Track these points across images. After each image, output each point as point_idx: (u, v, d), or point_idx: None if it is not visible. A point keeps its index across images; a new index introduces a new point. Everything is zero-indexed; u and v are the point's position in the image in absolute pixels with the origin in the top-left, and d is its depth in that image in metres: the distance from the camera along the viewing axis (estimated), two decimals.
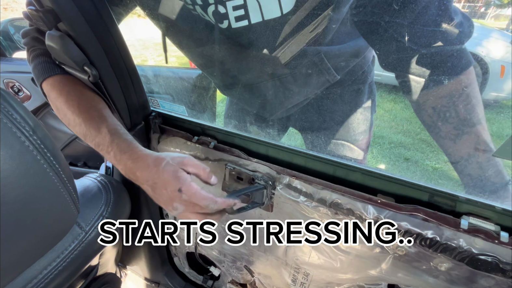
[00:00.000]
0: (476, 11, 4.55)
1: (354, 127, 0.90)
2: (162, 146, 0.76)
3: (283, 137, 1.03)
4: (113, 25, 0.56)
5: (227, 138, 0.71)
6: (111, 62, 0.59)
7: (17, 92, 1.44)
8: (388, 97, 3.12)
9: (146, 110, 0.76)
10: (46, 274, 0.47)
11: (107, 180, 0.67)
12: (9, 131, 0.28)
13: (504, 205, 0.45)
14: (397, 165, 2.17)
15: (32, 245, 0.33)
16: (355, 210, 0.54)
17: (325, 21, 0.56)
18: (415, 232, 0.49)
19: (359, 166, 0.57)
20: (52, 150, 0.33)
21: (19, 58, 1.54)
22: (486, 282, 0.47)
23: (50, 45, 0.52)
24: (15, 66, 1.43)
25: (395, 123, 2.67)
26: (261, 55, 0.64)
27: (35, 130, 0.31)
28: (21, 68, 1.42)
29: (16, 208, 0.29)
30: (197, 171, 0.53)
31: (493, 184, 0.57)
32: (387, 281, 0.61)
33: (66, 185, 0.35)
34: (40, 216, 0.32)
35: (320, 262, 0.67)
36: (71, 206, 0.36)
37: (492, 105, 2.82)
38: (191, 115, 0.76)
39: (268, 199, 0.63)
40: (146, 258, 1.01)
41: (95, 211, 0.59)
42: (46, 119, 1.55)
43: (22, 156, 0.29)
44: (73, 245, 0.52)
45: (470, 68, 0.57)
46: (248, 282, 0.95)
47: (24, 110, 0.30)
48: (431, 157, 2.23)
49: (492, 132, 2.46)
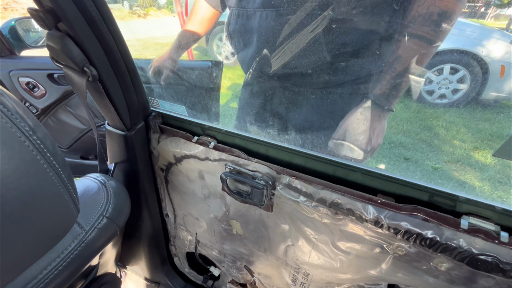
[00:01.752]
0: (476, 11, 4.55)
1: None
2: (162, 146, 0.76)
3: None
4: (113, 25, 0.56)
5: (227, 138, 0.71)
6: (111, 62, 0.59)
7: (32, 89, 1.47)
8: None
9: (146, 110, 0.76)
10: (46, 274, 0.47)
11: (107, 180, 0.67)
12: (9, 131, 0.28)
13: (504, 205, 0.45)
14: (397, 165, 2.17)
15: (32, 245, 0.33)
16: (355, 210, 0.54)
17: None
18: (415, 232, 0.49)
19: (359, 166, 0.57)
20: (52, 150, 0.32)
21: (31, 56, 1.57)
22: (486, 282, 0.47)
23: (50, 45, 0.52)
24: (27, 63, 1.47)
25: (395, 123, 2.67)
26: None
27: (35, 130, 0.30)
28: (34, 65, 1.46)
29: (16, 208, 0.29)
30: None
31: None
32: (387, 281, 0.61)
33: (66, 185, 0.35)
34: (40, 216, 0.32)
35: (320, 262, 0.67)
36: (71, 206, 0.36)
37: (492, 105, 2.81)
38: (191, 115, 0.76)
39: (268, 199, 0.63)
40: (146, 258, 1.01)
41: (95, 210, 0.59)
42: (59, 114, 1.58)
43: (22, 156, 0.29)
44: (73, 244, 0.52)
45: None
46: (248, 282, 0.95)
47: (24, 110, 0.30)
48: (431, 157, 2.23)
49: (492, 132, 2.46)
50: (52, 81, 1.46)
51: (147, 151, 0.80)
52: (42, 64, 1.44)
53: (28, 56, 1.59)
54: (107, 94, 0.62)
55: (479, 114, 2.76)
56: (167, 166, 0.81)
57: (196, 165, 0.73)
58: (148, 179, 0.84)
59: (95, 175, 0.68)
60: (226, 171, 0.66)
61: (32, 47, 1.71)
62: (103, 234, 0.57)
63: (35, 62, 1.47)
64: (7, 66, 1.44)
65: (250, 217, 0.73)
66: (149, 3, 8.51)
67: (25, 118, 0.30)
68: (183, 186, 0.82)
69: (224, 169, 0.66)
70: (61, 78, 1.46)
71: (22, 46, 1.66)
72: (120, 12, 8.07)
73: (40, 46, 1.78)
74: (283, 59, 0.78)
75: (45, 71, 1.43)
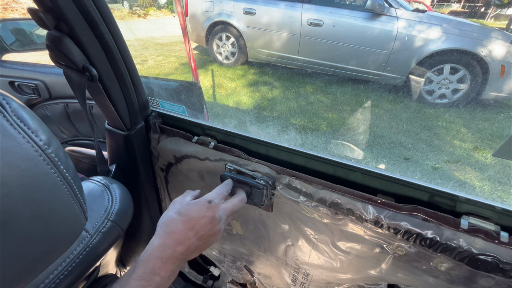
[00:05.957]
0: (476, 11, 4.55)
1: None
2: (162, 146, 0.76)
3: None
4: (113, 25, 0.56)
5: (227, 138, 0.71)
6: (111, 62, 0.59)
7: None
8: (388, 97, 3.12)
9: (146, 110, 0.76)
10: (52, 279, 0.47)
11: (111, 183, 0.67)
12: (25, 146, 0.28)
13: (504, 205, 0.45)
14: (397, 165, 2.17)
15: (42, 255, 0.33)
16: (355, 210, 0.54)
17: None
18: (415, 232, 0.49)
19: (359, 166, 0.57)
20: (65, 162, 0.33)
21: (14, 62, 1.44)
22: (486, 282, 0.47)
23: (50, 45, 0.52)
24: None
25: (395, 123, 2.67)
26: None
27: (49, 144, 0.31)
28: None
29: (30, 222, 0.29)
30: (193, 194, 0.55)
31: None
32: (387, 281, 0.61)
33: (77, 196, 0.35)
34: (51, 226, 0.33)
35: (320, 262, 0.67)
36: (80, 215, 0.37)
37: (492, 105, 2.82)
38: (191, 115, 0.76)
39: (268, 199, 0.63)
40: None
41: (100, 214, 0.59)
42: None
43: (37, 170, 0.29)
44: (79, 249, 0.52)
45: None
46: (248, 282, 0.95)
47: (39, 123, 0.31)
48: (431, 156, 2.23)
49: (492, 132, 2.47)
50: (13, 89, 1.36)
51: (147, 151, 0.80)
52: (6, 71, 1.34)
53: (8, 60, 1.45)
54: (107, 94, 0.62)
55: (479, 114, 2.76)
56: (167, 166, 0.81)
57: (196, 165, 0.73)
58: (148, 179, 0.84)
59: (98, 178, 0.68)
60: (226, 171, 0.66)
61: (14, 50, 1.60)
62: (107, 237, 0.58)
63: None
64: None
65: (250, 217, 0.73)
66: (149, 3, 8.51)
67: (39, 132, 0.30)
68: (183, 186, 0.82)
69: (224, 169, 0.66)
70: (22, 87, 1.36)
71: (3, 50, 1.53)
72: (120, 12, 8.07)
73: (23, 50, 1.68)
74: None
75: (6, 78, 1.34)
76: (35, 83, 1.33)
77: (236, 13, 3.73)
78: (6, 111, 0.27)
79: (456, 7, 8.24)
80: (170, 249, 0.45)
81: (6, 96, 0.28)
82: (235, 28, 3.78)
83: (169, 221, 0.48)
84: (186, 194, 0.55)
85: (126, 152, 0.75)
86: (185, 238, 0.46)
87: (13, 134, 0.27)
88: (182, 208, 0.50)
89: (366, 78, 3.30)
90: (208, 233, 0.49)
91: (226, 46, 4.00)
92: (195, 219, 0.48)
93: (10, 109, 0.28)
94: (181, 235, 0.47)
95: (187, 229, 0.47)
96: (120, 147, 0.74)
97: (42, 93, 1.35)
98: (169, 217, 0.49)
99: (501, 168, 2.09)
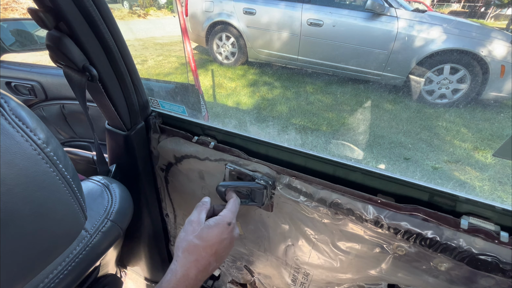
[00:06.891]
0: (476, 11, 4.55)
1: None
2: (162, 146, 0.76)
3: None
4: (113, 25, 0.56)
5: (227, 138, 0.71)
6: (111, 62, 0.59)
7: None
8: (388, 97, 3.12)
9: (146, 110, 0.76)
10: (52, 278, 0.47)
11: (111, 183, 0.67)
12: (24, 145, 0.28)
13: (504, 205, 0.45)
14: (397, 164, 2.17)
15: (41, 253, 0.33)
16: (355, 210, 0.54)
17: None
18: (415, 232, 0.49)
19: (359, 166, 0.57)
20: (63, 161, 0.33)
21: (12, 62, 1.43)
22: (486, 282, 0.47)
23: (50, 45, 0.52)
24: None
25: (395, 123, 2.67)
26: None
27: (48, 142, 0.31)
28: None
29: (29, 221, 0.29)
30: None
31: None
32: (387, 281, 0.61)
33: (76, 195, 0.35)
34: (51, 226, 0.33)
35: (320, 262, 0.67)
36: (79, 214, 0.36)
37: (492, 105, 2.82)
38: (191, 115, 0.76)
39: (268, 199, 0.63)
40: (146, 258, 1.01)
41: (99, 214, 0.59)
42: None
43: (36, 169, 0.29)
44: (78, 248, 0.52)
45: None
46: (248, 282, 0.95)
47: (37, 122, 0.31)
48: (431, 156, 2.23)
49: (492, 132, 2.47)
50: (10, 90, 1.34)
51: (147, 151, 0.80)
52: (3, 71, 1.33)
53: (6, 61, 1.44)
54: (107, 94, 0.62)
55: (479, 114, 2.77)
56: (167, 166, 0.81)
57: (196, 165, 0.73)
58: (148, 179, 0.84)
59: (98, 178, 0.68)
60: (226, 171, 0.66)
61: (13, 51, 1.59)
62: (107, 237, 0.58)
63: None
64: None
65: (250, 217, 0.73)
66: (149, 3, 8.51)
67: (37, 130, 0.30)
68: (183, 186, 0.82)
69: (224, 169, 0.66)
70: (18, 88, 1.35)
71: (3, 50, 1.53)
72: (120, 12, 8.07)
73: (22, 51, 1.67)
74: None
75: (3, 79, 1.34)
76: (31, 84, 1.32)
77: (236, 13, 3.73)
78: (4, 110, 0.27)
79: (456, 7, 8.24)
80: (193, 279, 0.46)
81: (4, 95, 0.28)
82: (235, 28, 3.78)
83: (191, 247, 0.48)
84: (200, 210, 0.54)
85: (126, 152, 0.75)
86: (207, 265, 0.47)
87: (12, 133, 0.27)
88: (203, 232, 0.49)
89: (366, 78, 3.30)
90: (227, 251, 0.50)
91: (226, 46, 4.00)
92: (217, 244, 0.48)
93: (9, 108, 0.28)
94: (203, 262, 0.47)
95: (210, 255, 0.48)
96: (120, 146, 0.74)
97: (38, 94, 1.35)
98: (190, 242, 0.49)
99: (501, 168, 2.09)
